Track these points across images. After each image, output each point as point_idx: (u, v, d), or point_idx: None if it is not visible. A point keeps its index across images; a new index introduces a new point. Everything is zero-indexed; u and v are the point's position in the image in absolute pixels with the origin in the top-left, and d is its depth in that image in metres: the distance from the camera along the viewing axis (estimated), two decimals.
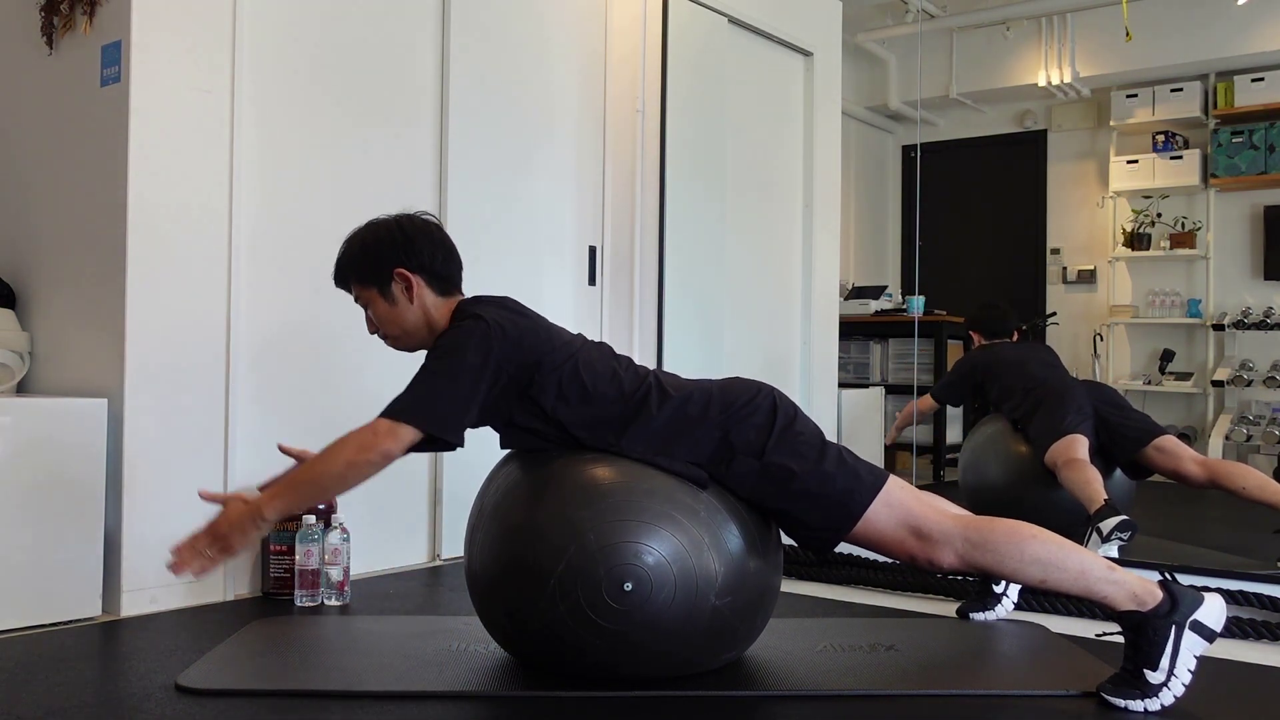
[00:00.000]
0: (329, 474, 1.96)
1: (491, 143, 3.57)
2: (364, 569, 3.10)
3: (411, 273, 2.15)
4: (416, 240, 2.17)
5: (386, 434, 1.94)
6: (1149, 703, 1.89)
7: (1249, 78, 5.98)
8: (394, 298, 2.17)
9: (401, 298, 2.16)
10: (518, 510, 2.01)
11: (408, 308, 2.17)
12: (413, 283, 2.15)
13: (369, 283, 2.18)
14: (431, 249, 2.17)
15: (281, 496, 1.98)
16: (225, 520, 1.96)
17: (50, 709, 1.87)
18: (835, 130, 5.05)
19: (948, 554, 2.00)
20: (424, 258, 2.16)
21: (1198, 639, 1.91)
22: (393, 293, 2.16)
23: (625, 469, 2.00)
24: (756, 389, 2.11)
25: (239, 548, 1.97)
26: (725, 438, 2.04)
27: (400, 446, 1.95)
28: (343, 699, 1.93)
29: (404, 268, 2.15)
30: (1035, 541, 1.99)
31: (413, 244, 2.16)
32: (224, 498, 2.03)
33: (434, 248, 2.18)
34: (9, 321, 2.89)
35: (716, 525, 1.98)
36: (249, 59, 2.90)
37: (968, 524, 2.02)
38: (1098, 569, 1.96)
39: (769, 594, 2.09)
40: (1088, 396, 3.80)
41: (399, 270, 2.15)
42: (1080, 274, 6.65)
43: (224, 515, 1.97)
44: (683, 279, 4.08)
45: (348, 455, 1.95)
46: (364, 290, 2.19)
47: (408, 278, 2.15)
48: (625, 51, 4.04)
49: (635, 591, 1.90)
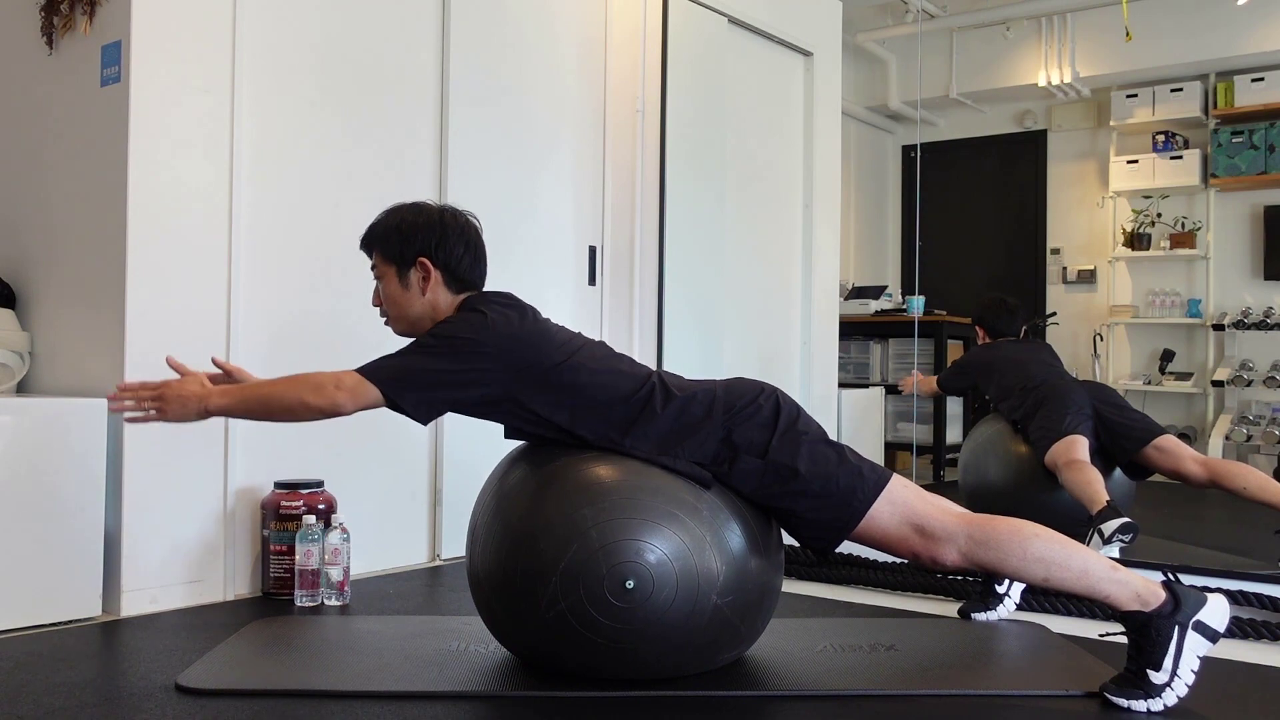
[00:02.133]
0: (281, 400, 2.03)
1: (491, 143, 3.57)
2: (364, 569, 3.10)
3: (434, 266, 2.16)
4: (450, 236, 2.18)
5: (349, 389, 2.00)
6: (1152, 703, 1.89)
7: (1249, 78, 5.98)
8: (408, 282, 2.18)
9: (415, 285, 2.17)
10: (520, 508, 2.01)
11: (417, 297, 2.18)
12: (431, 275, 2.16)
13: (391, 259, 2.19)
14: (463, 249, 2.18)
15: (231, 396, 2.06)
16: (176, 390, 2.05)
17: (50, 709, 1.87)
18: (835, 130, 5.05)
19: (951, 552, 2.00)
20: (452, 255, 2.17)
21: (1201, 639, 1.91)
22: (409, 277, 2.17)
23: (628, 467, 2.01)
24: (759, 389, 2.12)
25: (172, 418, 2.05)
26: (729, 437, 2.04)
27: (355, 405, 2.01)
28: (343, 699, 1.93)
29: (428, 258, 2.16)
30: (1039, 540, 1.99)
31: (446, 238, 2.17)
32: (186, 371, 2.13)
33: (465, 249, 2.19)
34: (9, 321, 2.89)
35: (719, 524, 1.98)
36: (249, 59, 2.90)
37: (971, 522, 2.02)
38: (1101, 568, 1.96)
39: (770, 594, 2.09)
40: (1087, 397, 3.80)
41: (423, 259, 2.16)
42: (1080, 274, 6.65)
43: (178, 383, 2.07)
44: (683, 279, 4.08)
45: (304, 393, 2.01)
46: (384, 263, 2.20)
47: (428, 268, 2.16)
48: (625, 51, 4.04)
49: (637, 589, 1.90)
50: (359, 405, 2.01)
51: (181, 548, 2.71)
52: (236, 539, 2.83)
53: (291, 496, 2.80)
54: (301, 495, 2.81)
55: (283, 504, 2.79)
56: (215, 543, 2.78)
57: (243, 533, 2.86)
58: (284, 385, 2.04)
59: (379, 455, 3.20)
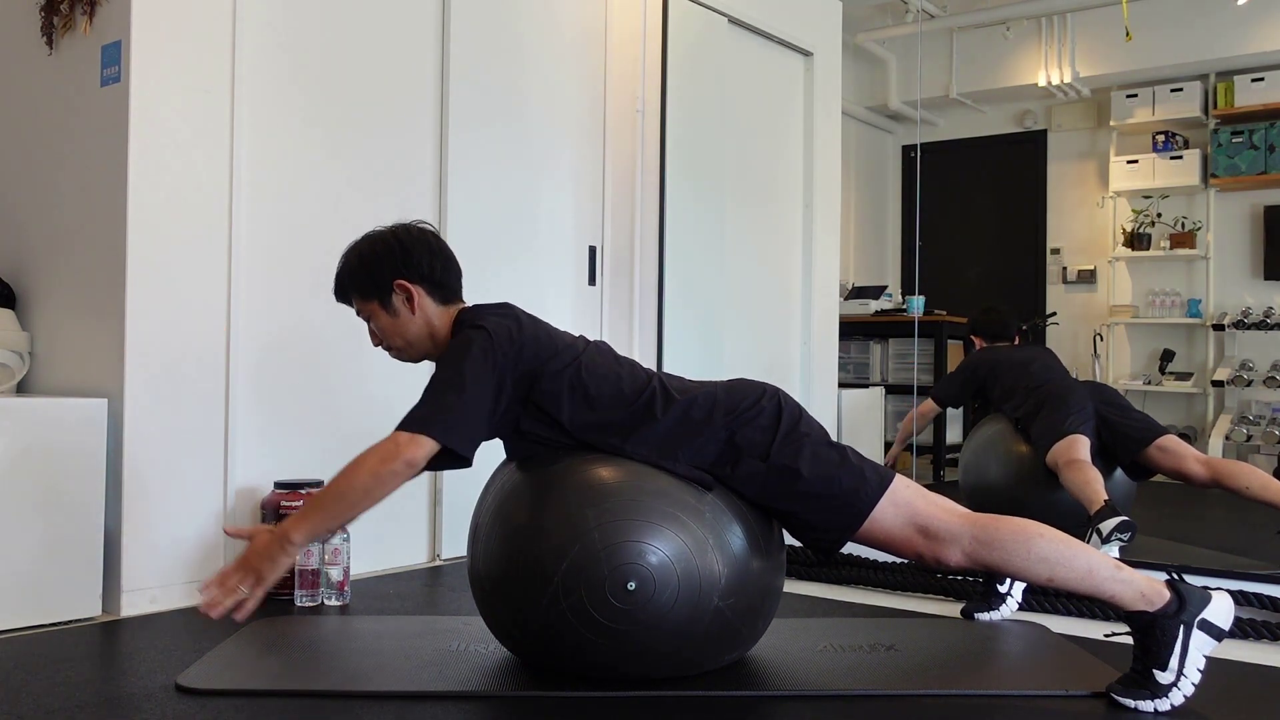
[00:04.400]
0: (355, 488, 1.89)
1: (491, 143, 3.57)
2: (364, 569, 3.10)
3: (411, 283, 2.14)
4: (414, 250, 2.15)
5: (408, 444, 1.90)
6: (1159, 703, 1.88)
7: (1249, 78, 5.99)
8: (395, 309, 2.15)
9: (403, 309, 2.15)
10: (522, 509, 2.01)
11: (410, 319, 2.16)
12: (413, 293, 2.14)
13: (370, 296, 2.17)
14: (430, 258, 2.16)
15: (307, 518, 1.91)
16: (254, 551, 1.90)
17: (50, 709, 1.87)
18: (835, 130, 5.05)
19: (955, 552, 2.00)
20: (423, 267, 2.15)
21: (1206, 638, 1.91)
22: (394, 304, 2.15)
23: (630, 469, 2.00)
24: (761, 390, 2.11)
25: (271, 577, 1.88)
26: (731, 439, 2.04)
27: (424, 456, 1.91)
28: (343, 699, 1.93)
29: (403, 278, 2.13)
30: (1042, 540, 1.98)
31: (410, 254, 2.14)
32: (249, 531, 1.97)
33: (432, 257, 2.16)
34: (9, 321, 2.89)
35: (720, 526, 1.98)
36: (249, 59, 2.90)
37: (974, 522, 2.01)
38: (1105, 568, 1.95)
39: (771, 595, 2.09)
40: (1089, 397, 3.80)
41: (399, 281, 2.13)
42: (1080, 274, 6.65)
43: (252, 547, 1.91)
44: (683, 279, 4.08)
45: (371, 466, 1.89)
46: (365, 304, 2.18)
47: (408, 288, 2.14)
48: (625, 52, 4.04)
49: (639, 591, 1.89)
50: (426, 457, 1.91)
51: (181, 548, 2.71)
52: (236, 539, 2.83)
53: (291, 496, 2.80)
54: (301, 495, 2.80)
55: (283, 504, 2.79)
56: (215, 543, 2.78)
57: None
58: (349, 477, 1.90)
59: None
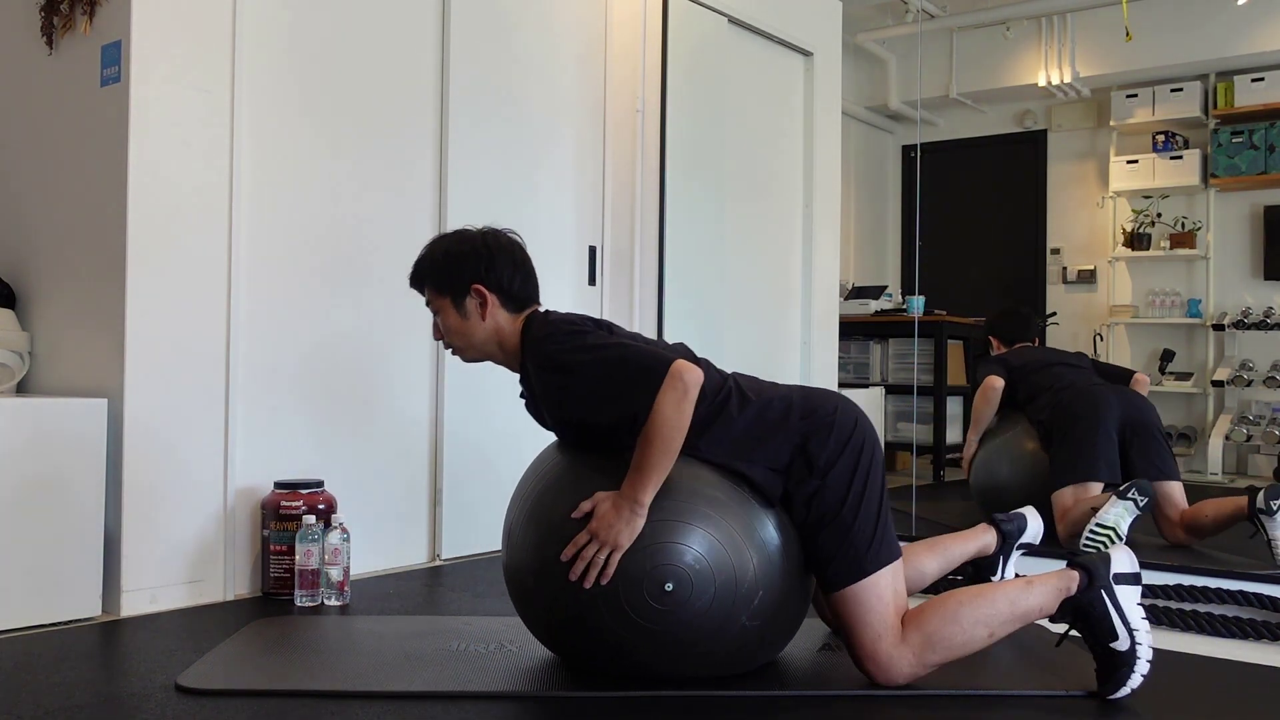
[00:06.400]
0: (672, 427, 1.90)
1: (491, 143, 3.57)
2: (364, 569, 3.10)
3: (489, 290, 2.14)
4: (498, 259, 2.15)
5: (677, 372, 1.90)
6: (1138, 667, 1.92)
7: (1249, 78, 5.98)
8: (466, 311, 2.15)
9: (474, 313, 2.15)
10: (560, 507, 2.00)
11: (479, 324, 2.15)
12: (488, 300, 2.14)
13: (444, 292, 2.17)
14: (512, 269, 2.16)
15: (647, 477, 1.91)
16: (603, 521, 1.92)
17: (50, 709, 1.87)
18: (835, 130, 5.05)
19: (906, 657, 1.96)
20: (503, 278, 2.15)
21: (1129, 588, 1.96)
22: (466, 306, 2.15)
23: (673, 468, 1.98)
24: (838, 401, 2.07)
25: (626, 539, 1.91)
26: (804, 445, 2.01)
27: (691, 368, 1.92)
28: (343, 699, 1.93)
29: (482, 284, 2.14)
30: (963, 607, 1.98)
31: (495, 261, 2.14)
32: (588, 506, 1.96)
33: (514, 268, 2.16)
34: (9, 321, 2.89)
35: (755, 527, 1.98)
36: (249, 59, 2.90)
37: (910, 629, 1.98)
38: (1017, 591, 2.00)
39: (800, 597, 2.09)
40: (1119, 411, 3.59)
41: (476, 286, 2.13)
42: (1080, 274, 6.65)
43: (599, 518, 1.92)
44: (683, 279, 4.08)
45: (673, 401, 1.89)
46: (438, 298, 2.18)
47: (484, 294, 2.14)
48: (625, 51, 4.04)
49: (676, 592, 1.90)
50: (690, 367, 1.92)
51: (181, 547, 2.71)
52: (236, 539, 2.83)
53: (291, 496, 2.80)
54: (301, 495, 2.81)
55: (283, 504, 2.79)
56: (215, 542, 2.78)
57: (243, 533, 2.86)
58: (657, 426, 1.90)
59: (379, 455, 3.20)
